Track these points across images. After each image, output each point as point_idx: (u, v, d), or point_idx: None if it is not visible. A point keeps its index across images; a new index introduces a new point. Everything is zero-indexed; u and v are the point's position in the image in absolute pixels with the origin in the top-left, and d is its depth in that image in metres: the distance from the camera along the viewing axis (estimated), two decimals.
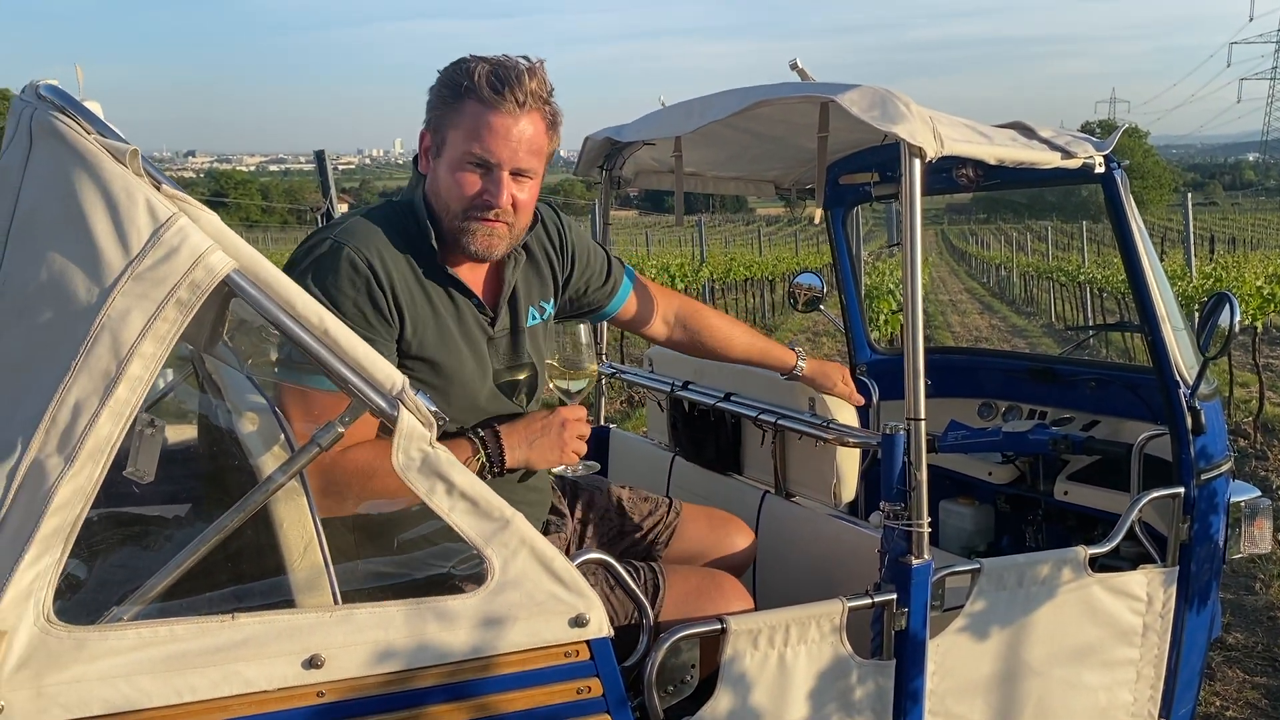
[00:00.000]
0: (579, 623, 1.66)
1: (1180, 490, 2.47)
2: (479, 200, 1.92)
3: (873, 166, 3.23)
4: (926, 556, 2.01)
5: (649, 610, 1.94)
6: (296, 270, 1.82)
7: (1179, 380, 2.48)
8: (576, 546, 2.33)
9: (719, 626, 1.87)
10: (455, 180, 1.91)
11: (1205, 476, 2.50)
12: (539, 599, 1.63)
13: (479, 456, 1.89)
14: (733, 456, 2.98)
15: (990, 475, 3.37)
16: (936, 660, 2.14)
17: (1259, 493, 2.73)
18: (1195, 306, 9.20)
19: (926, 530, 2.00)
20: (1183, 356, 2.51)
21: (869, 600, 2.00)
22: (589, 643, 1.68)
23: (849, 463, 2.59)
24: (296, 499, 1.56)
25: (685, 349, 2.62)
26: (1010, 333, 18.94)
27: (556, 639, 1.65)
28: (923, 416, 1.97)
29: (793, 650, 1.94)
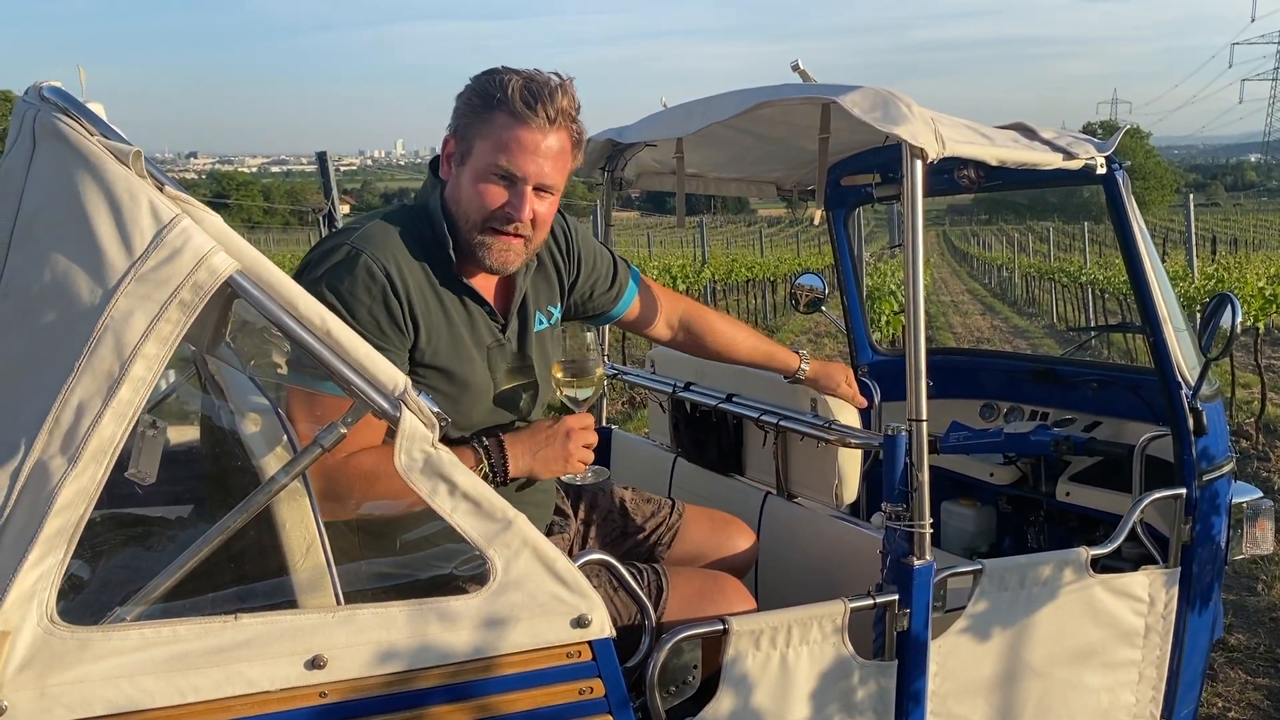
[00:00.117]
0: (581, 623, 1.66)
1: (1182, 491, 2.47)
2: (500, 213, 1.92)
3: (874, 168, 3.24)
4: (928, 557, 2.01)
5: (651, 611, 1.94)
6: (312, 276, 1.82)
7: (1181, 381, 2.48)
8: (579, 547, 2.33)
9: (721, 627, 1.87)
10: (478, 190, 1.91)
11: (1207, 477, 2.50)
12: (541, 600, 1.63)
13: (482, 466, 1.89)
14: (734, 457, 2.98)
15: (992, 476, 3.37)
16: (938, 661, 2.14)
17: (1261, 494, 2.73)
18: (1197, 307, 9.20)
19: (928, 531, 2.00)
20: (1184, 357, 2.51)
21: (871, 601, 2.00)
22: (591, 643, 1.68)
23: (851, 464, 2.59)
24: (299, 500, 1.56)
25: (688, 351, 2.63)
26: (1012, 334, 18.93)
27: (559, 640, 1.65)
28: (924, 417, 1.97)
29: (794, 651, 1.94)
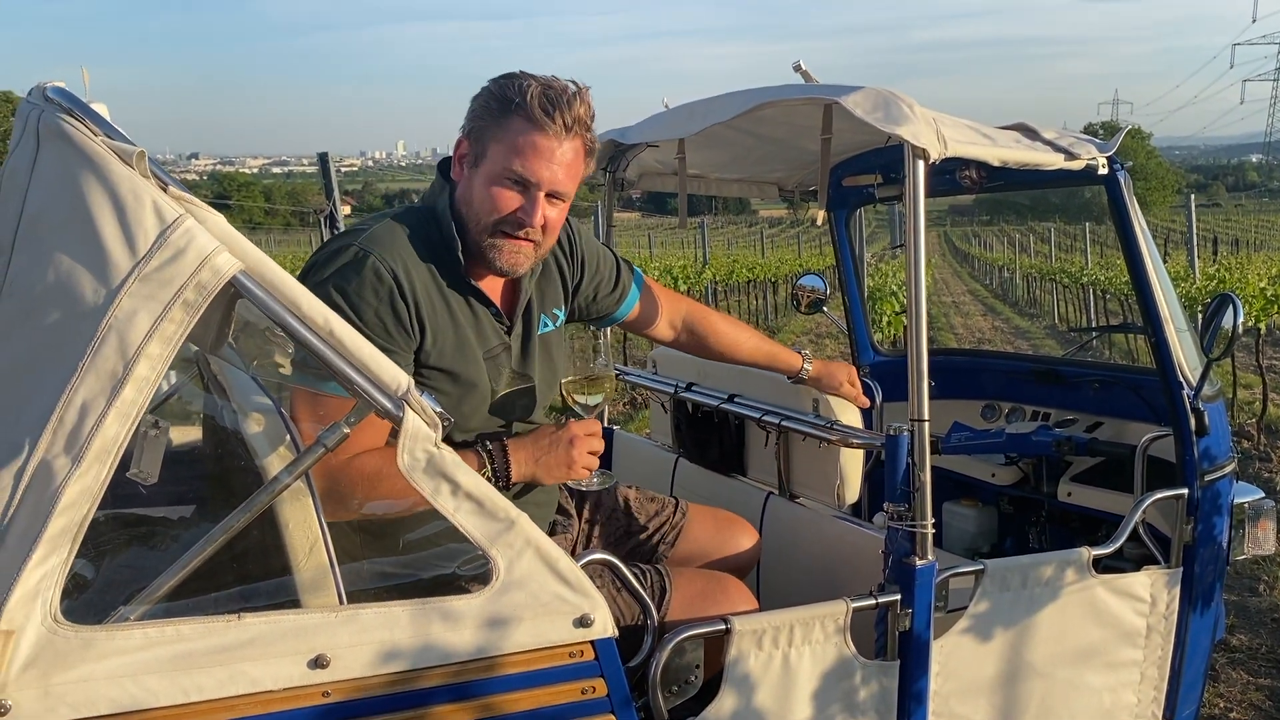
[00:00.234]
0: (584, 623, 1.66)
1: (1184, 491, 2.47)
2: (512, 217, 1.92)
3: (876, 168, 3.24)
4: (930, 557, 2.01)
5: (654, 611, 1.95)
6: (319, 277, 1.82)
7: (1182, 381, 2.48)
8: (583, 547, 2.33)
9: (723, 627, 1.87)
10: (491, 194, 1.92)
11: (1209, 478, 2.51)
12: (544, 599, 1.63)
13: (485, 470, 1.90)
14: (736, 458, 2.98)
15: (994, 477, 3.37)
16: (940, 661, 2.14)
17: (1263, 494, 2.73)
18: (1198, 308, 9.20)
19: (930, 531, 2.00)
20: (1186, 358, 2.52)
21: (873, 601, 2.01)
22: (594, 643, 1.68)
23: (853, 464, 2.59)
24: (302, 499, 1.56)
25: (691, 352, 2.64)
26: (1013, 334, 18.93)
27: (561, 639, 1.66)
28: (926, 418, 1.97)
29: (797, 651, 1.94)
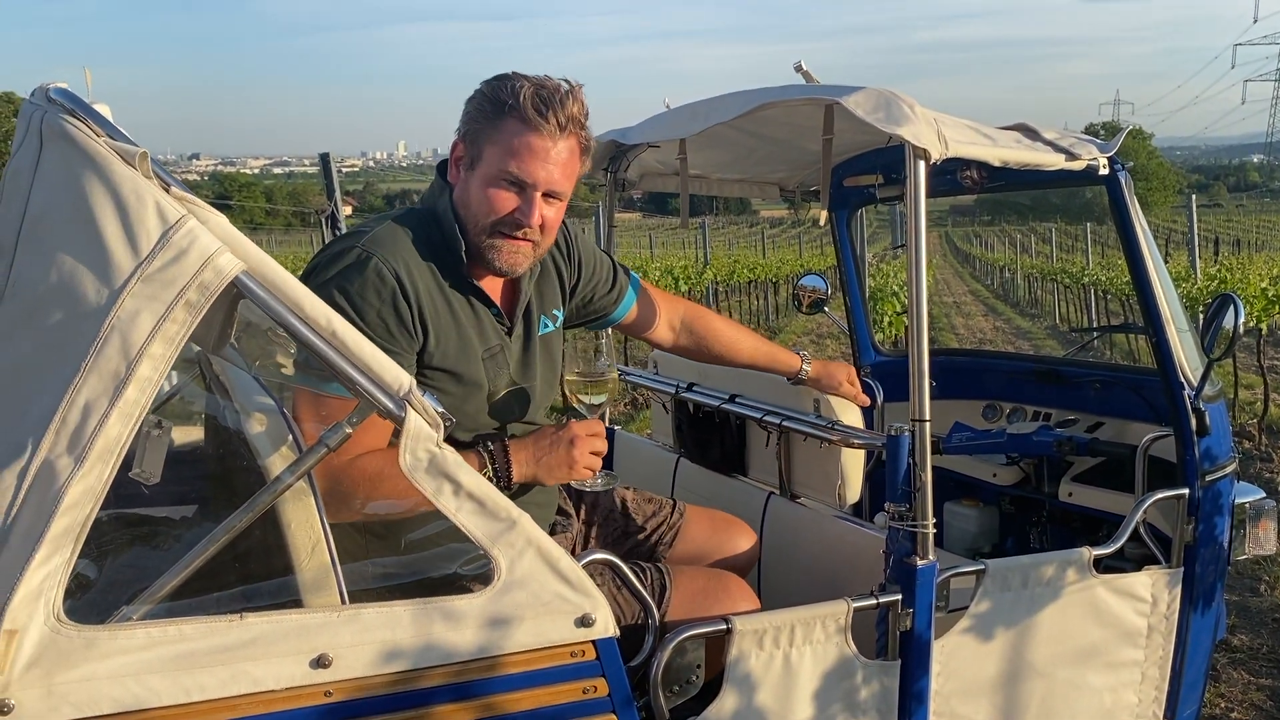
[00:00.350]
0: (585, 623, 1.67)
1: (1185, 491, 2.47)
2: (510, 218, 1.93)
3: (877, 168, 3.24)
4: (931, 557, 2.01)
5: (655, 611, 1.95)
6: (322, 279, 1.82)
7: (1183, 382, 2.48)
8: (581, 547, 2.33)
9: (724, 626, 1.88)
10: (488, 195, 1.92)
11: (1210, 478, 2.51)
12: (545, 599, 1.64)
13: (486, 471, 1.90)
14: (738, 458, 2.98)
15: (995, 477, 3.37)
16: (941, 661, 2.14)
17: (1264, 494, 2.73)
18: (1199, 308, 9.20)
19: (931, 531, 2.00)
20: (1187, 358, 2.52)
21: (874, 601, 2.01)
22: (595, 643, 1.68)
23: (854, 464, 2.59)
24: (304, 499, 1.57)
25: (690, 354, 2.63)
26: (1014, 335, 18.93)
27: (563, 639, 1.66)
28: (927, 418, 1.97)
29: (798, 651, 1.95)
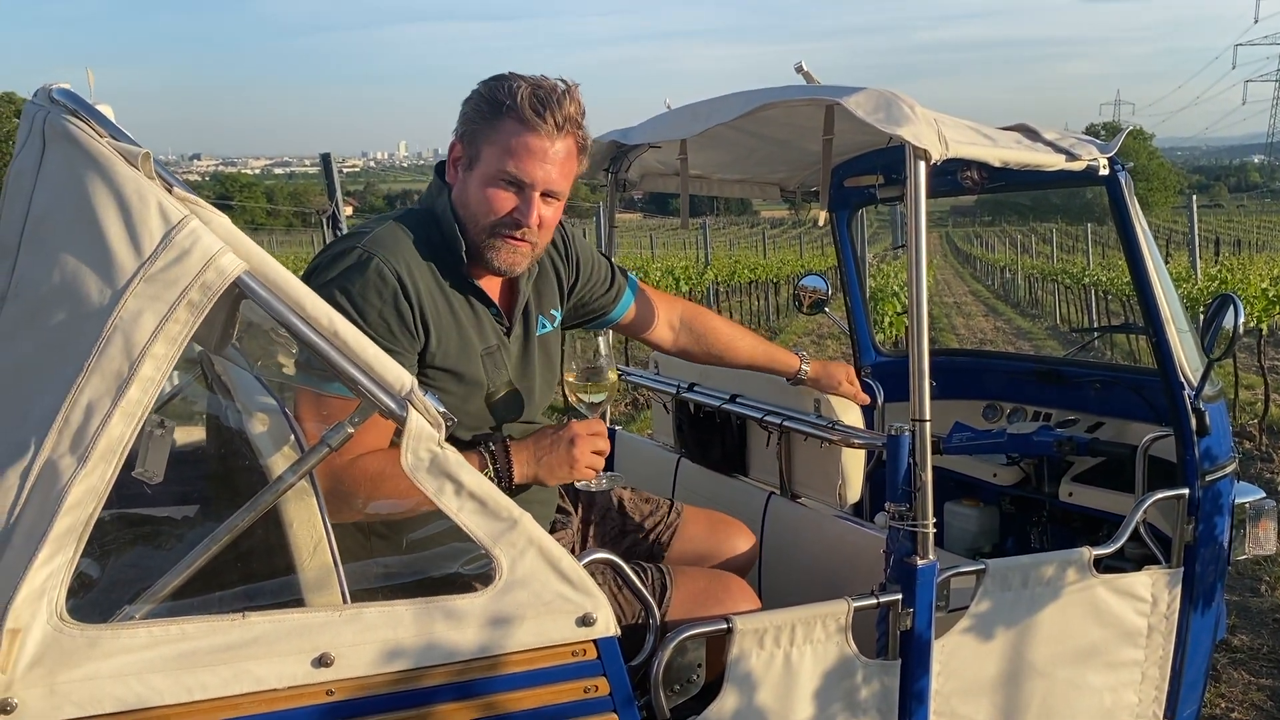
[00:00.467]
0: (586, 622, 1.67)
1: (1185, 491, 2.48)
2: (509, 218, 1.94)
3: (878, 169, 3.24)
4: (931, 557, 2.01)
5: (655, 610, 1.95)
6: (324, 279, 1.83)
7: (1183, 382, 2.48)
8: (580, 545, 2.34)
9: (725, 626, 1.88)
10: (486, 196, 1.93)
11: (1210, 478, 2.51)
12: (546, 598, 1.64)
13: (487, 471, 1.90)
14: (738, 458, 2.99)
15: (995, 477, 3.38)
16: (941, 660, 2.14)
17: (1264, 494, 2.74)
18: (1200, 309, 9.20)
19: (931, 531, 2.00)
20: (1187, 358, 2.52)
21: (874, 600, 2.01)
22: (596, 642, 1.69)
23: (854, 464, 2.60)
24: (306, 499, 1.57)
25: (690, 355, 2.63)
26: (1015, 335, 18.93)
27: (564, 638, 1.66)
28: (928, 418, 1.98)
29: (798, 650, 1.95)
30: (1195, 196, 16.39)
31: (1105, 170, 2.38)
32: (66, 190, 1.41)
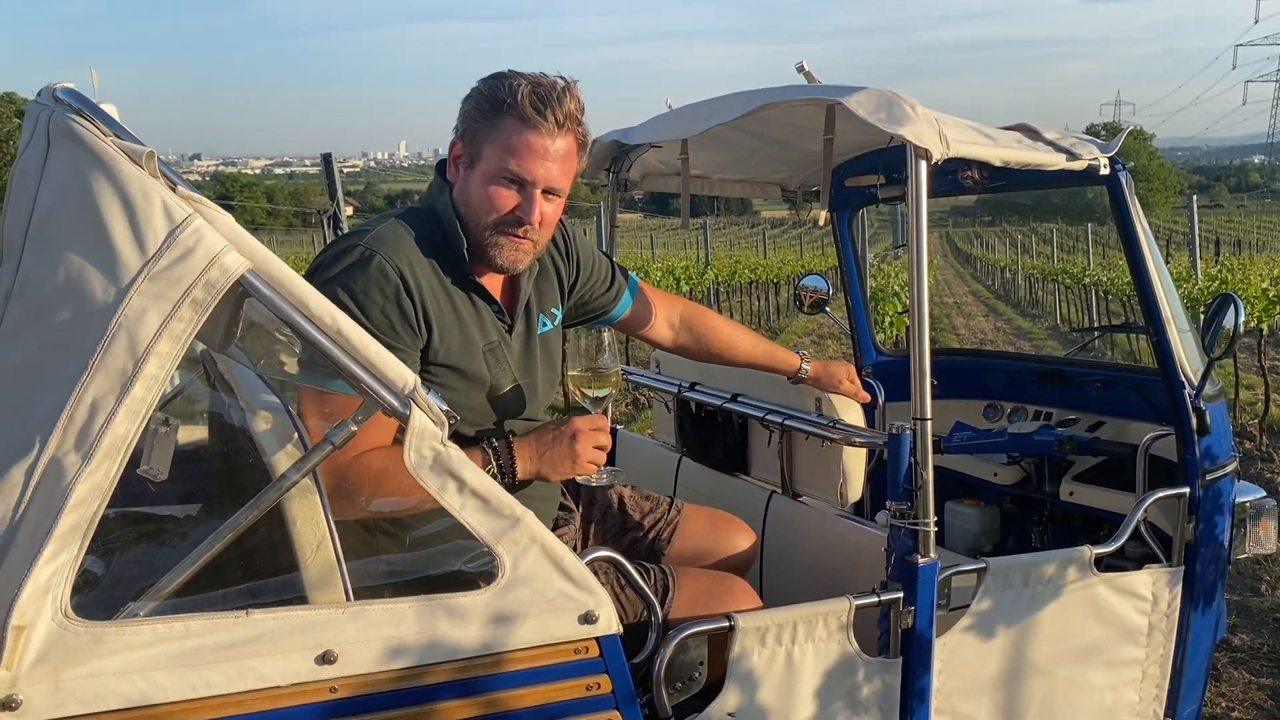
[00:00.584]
0: (588, 620, 1.67)
1: (1185, 490, 2.48)
2: (511, 215, 1.94)
3: (878, 168, 3.25)
4: (933, 555, 2.02)
5: (658, 608, 1.96)
6: (326, 277, 1.83)
7: (1184, 381, 2.49)
8: (581, 543, 2.35)
9: (727, 624, 1.88)
10: (488, 193, 1.94)
11: (1210, 476, 2.51)
12: (549, 596, 1.64)
13: (490, 467, 1.91)
14: (740, 457, 2.99)
15: (996, 476, 3.38)
16: (943, 659, 2.15)
17: (1264, 493, 2.74)
18: (1200, 309, 9.20)
19: (933, 529, 2.01)
20: (1188, 357, 2.52)
21: (875, 599, 2.01)
22: (598, 640, 1.69)
23: (855, 463, 2.60)
24: (309, 497, 1.58)
25: (690, 354, 2.64)
26: (1015, 335, 18.93)
27: (566, 636, 1.67)
28: (929, 416, 1.98)
29: (800, 648, 1.95)
30: (1195, 197, 16.40)
31: (1106, 170, 2.38)
32: (71, 189, 1.42)
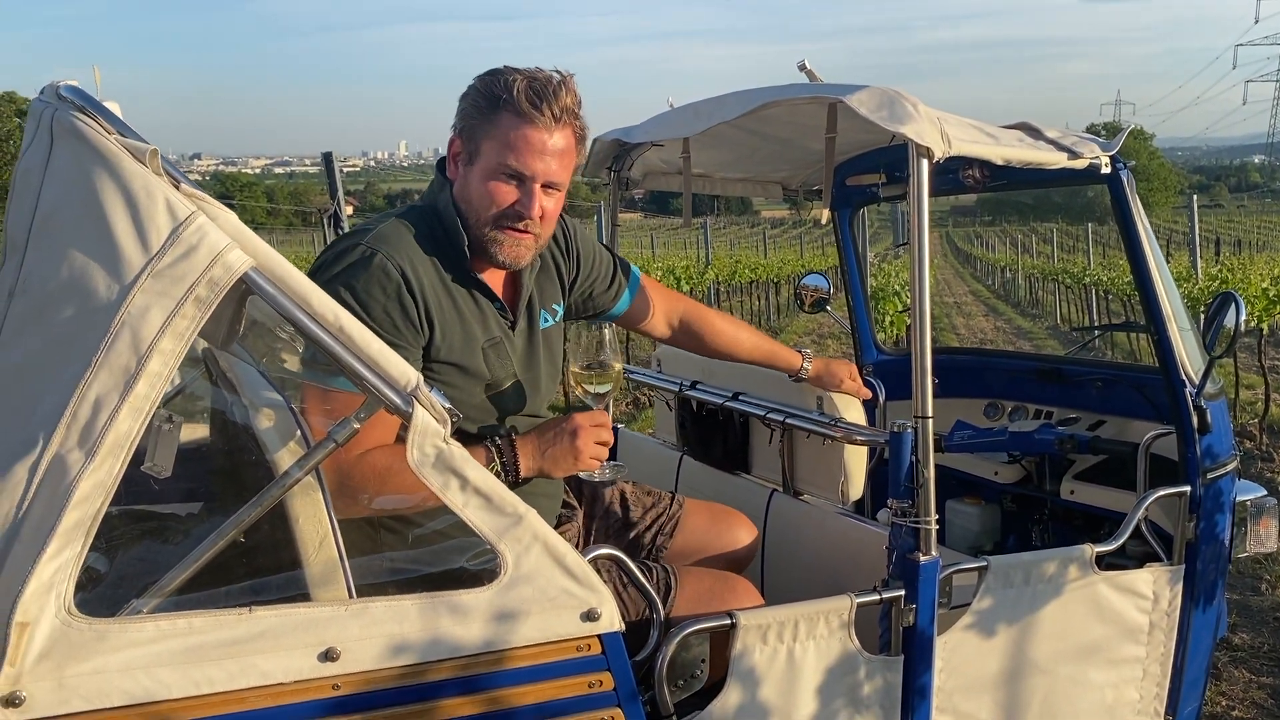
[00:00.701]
0: (591, 617, 1.68)
1: (1186, 489, 2.48)
2: (511, 210, 1.95)
3: (880, 167, 3.25)
4: (934, 553, 2.02)
5: (660, 606, 1.96)
6: (328, 276, 1.84)
7: (1185, 379, 2.49)
8: (584, 539, 2.35)
9: (729, 621, 1.89)
10: (488, 189, 1.94)
11: (1211, 475, 2.51)
12: (551, 594, 1.65)
13: (494, 465, 1.91)
14: (741, 455, 2.99)
15: (996, 475, 3.38)
16: (944, 657, 2.15)
17: (1265, 491, 2.74)
18: (1201, 308, 9.20)
19: (934, 527, 2.01)
20: (1188, 356, 2.52)
21: (877, 596, 2.02)
22: (600, 637, 1.69)
23: (857, 461, 2.60)
24: (312, 494, 1.58)
25: (690, 349, 2.66)
26: (1015, 335, 18.92)
27: (568, 633, 1.67)
28: (930, 415, 1.98)
29: (801, 645, 1.96)
30: (1196, 196, 16.40)
31: (1107, 168, 2.38)
32: (74, 186, 1.42)
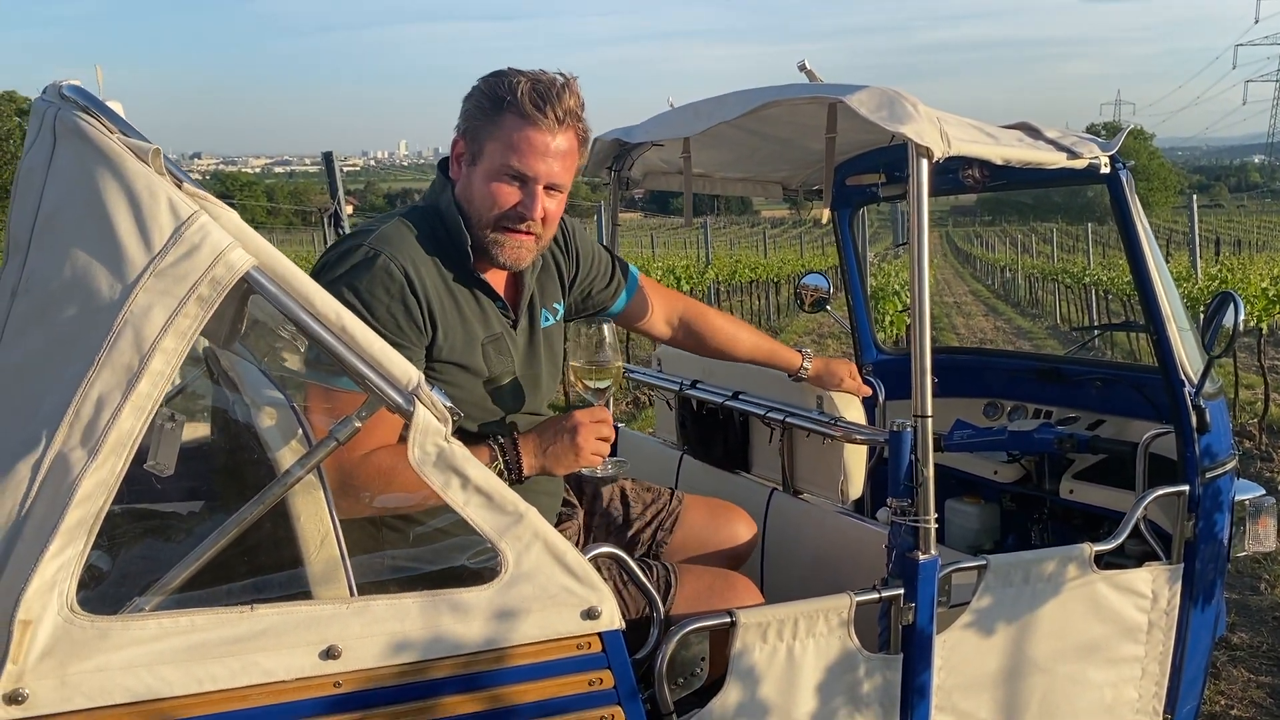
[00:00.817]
0: (591, 615, 1.68)
1: (1185, 488, 2.49)
2: (513, 212, 1.96)
3: (880, 167, 3.25)
4: (933, 552, 2.03)
5: (660, 604, 1.96)
6: (331, 276, 1.85)
7: (1184, 379, 2.49)
8: (584, 537, 2.36)
9: (728, 619, 1.89)
10: (490, 190, 1.95)
11: (1210, 474, 2.52)
12: (552, 592, 1.65)
13: (496, 465, 1.92)
14: (741, 454, 3.00)
15: (996, 474, 3.38)
16: (943, 656, 2.15)
17: (1264, 491, 2.74)
18: (1200, 308, 9.20)
19: (933, 526, 2.02)
20: (1188, 356, 2.53)
21: (876, 595, 2.02)
22: (601, 635, 1.70)
23: (856, 460, 2.61)
24: (313, 492, 1.58)
25: (690, 349, 2.66)
26: (1015, 335, 18.93)
27: (569, 631, 1.68)
28: (929, 414, 1.99)
29: (801, 644, 1.96)
30: (1195, 196, 16.42)
31: (1107, 168, 2.39)
32: (77, 186, 1.43)
